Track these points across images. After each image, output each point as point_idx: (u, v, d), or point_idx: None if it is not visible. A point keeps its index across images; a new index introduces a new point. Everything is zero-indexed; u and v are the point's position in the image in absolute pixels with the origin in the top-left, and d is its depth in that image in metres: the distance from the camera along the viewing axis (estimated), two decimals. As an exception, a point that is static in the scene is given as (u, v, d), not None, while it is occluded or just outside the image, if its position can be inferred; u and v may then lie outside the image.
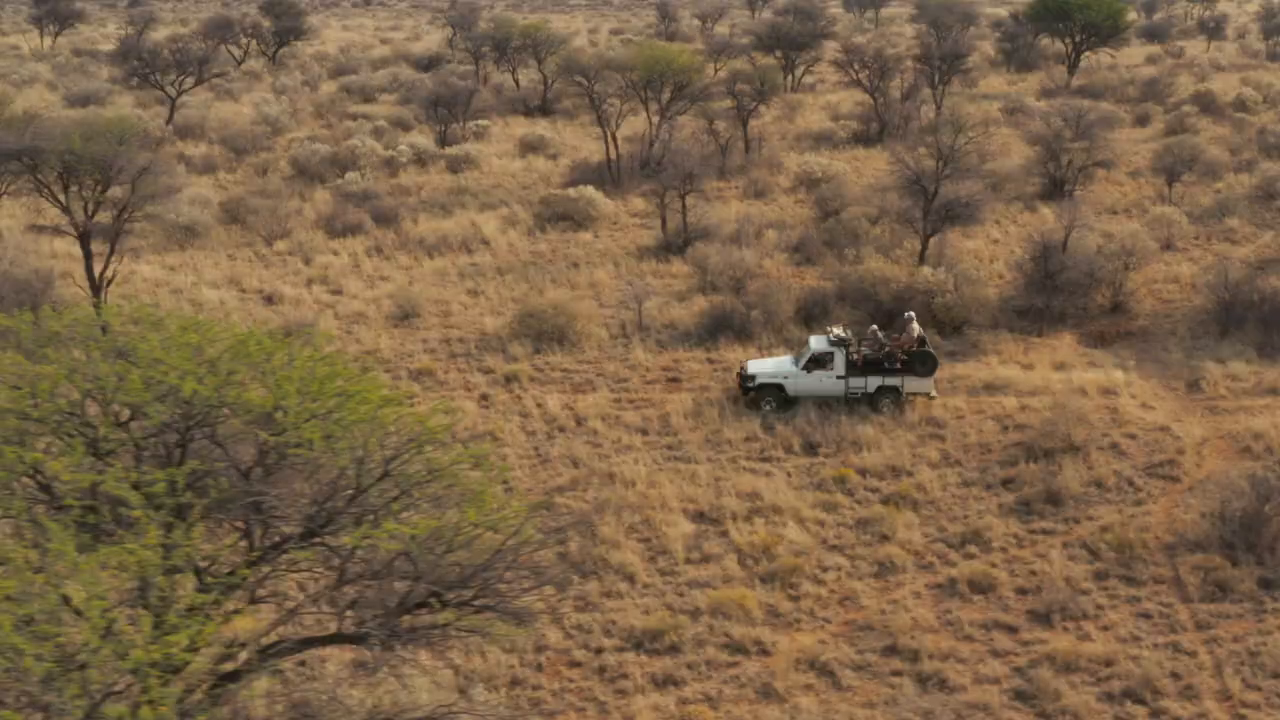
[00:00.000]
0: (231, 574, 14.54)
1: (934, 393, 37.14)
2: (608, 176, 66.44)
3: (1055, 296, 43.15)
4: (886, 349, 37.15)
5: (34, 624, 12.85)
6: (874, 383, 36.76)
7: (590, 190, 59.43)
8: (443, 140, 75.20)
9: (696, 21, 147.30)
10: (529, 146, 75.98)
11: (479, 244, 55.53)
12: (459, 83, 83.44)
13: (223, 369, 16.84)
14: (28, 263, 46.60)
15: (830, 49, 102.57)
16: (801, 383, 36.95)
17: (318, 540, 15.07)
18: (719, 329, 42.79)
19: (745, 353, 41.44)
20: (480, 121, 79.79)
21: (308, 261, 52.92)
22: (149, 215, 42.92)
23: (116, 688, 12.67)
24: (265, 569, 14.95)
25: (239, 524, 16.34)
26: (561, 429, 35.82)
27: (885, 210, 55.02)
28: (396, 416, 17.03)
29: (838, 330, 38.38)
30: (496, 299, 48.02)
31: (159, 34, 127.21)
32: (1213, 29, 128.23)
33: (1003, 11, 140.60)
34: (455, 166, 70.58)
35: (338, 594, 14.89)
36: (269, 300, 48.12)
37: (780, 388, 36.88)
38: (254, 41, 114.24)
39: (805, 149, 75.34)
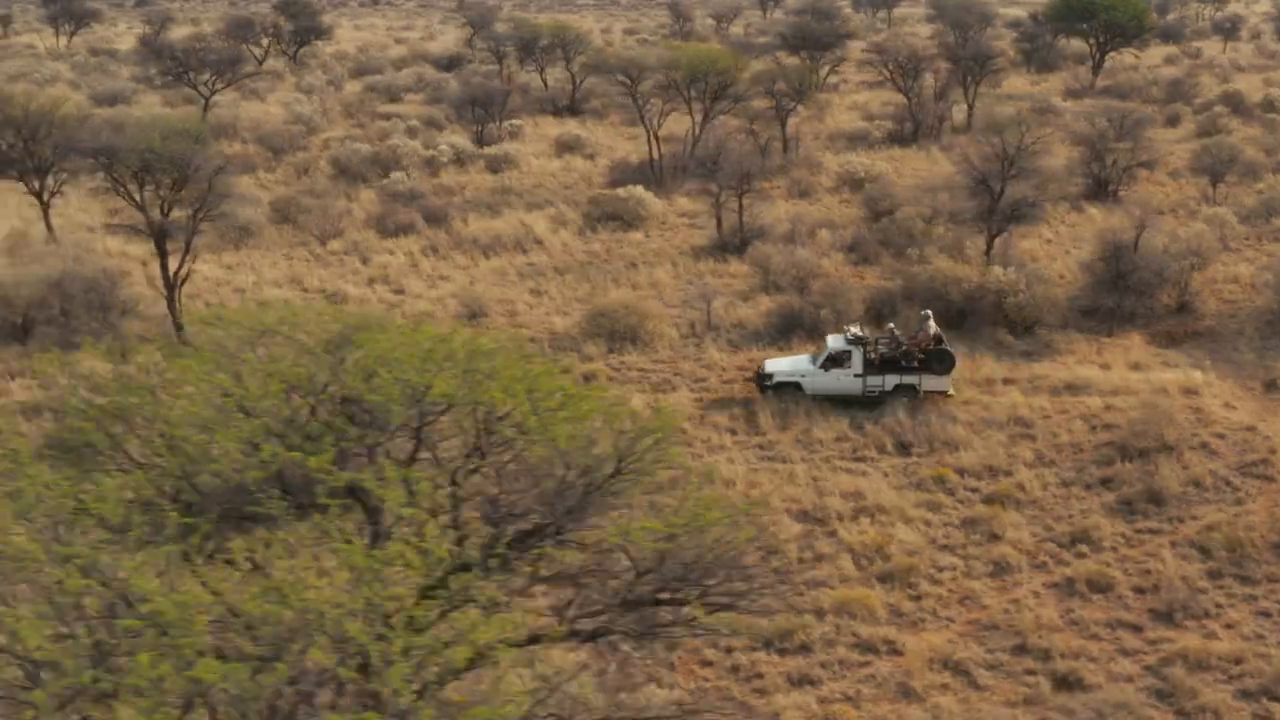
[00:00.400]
0: (502, 564, 14.51)
1: (951, 391, 37.28)
2: (650, 176, 66.40)
3: (1125, 297, 43.26)
4: (904, 347, 37.30)
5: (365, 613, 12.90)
6: (891, 381, 36.99)
7: (639, 190, 59.51)
8: (480, 140, 75.14)
9: (711, 21, 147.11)
10: (565, 146, 76.02)
11: (532, 244, 55.50)
12: (492, 83, 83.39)
13: (457, 368, 16.88)
14: (93, 262, 46.49)
15: (853, 48, 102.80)
16: (819, 381, 37.12)
17: (562, 538, 15.13)
18: (790, 328, 42.88)
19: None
20: (514, 121, 79.72)
21: (365, 261, 52.89)
22: (222, 214, 42.71)
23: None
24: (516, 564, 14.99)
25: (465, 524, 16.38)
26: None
27: (938, 210, 55.09)
28: (618, 414, 17.10)
29: (855, 329, 38.54)
30: (560, 299, 48.04)
31: (176, 33, 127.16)
32: (1228, 30, 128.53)
33: (1017, 12, 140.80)
34: (495, 166, 70.58)
35: (579, 590, 14.95)
36: (333, 299, 48.01)
37: (797, 386, 37.02)
38: (274, 41, 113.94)
39: (840, 149, 75.46)
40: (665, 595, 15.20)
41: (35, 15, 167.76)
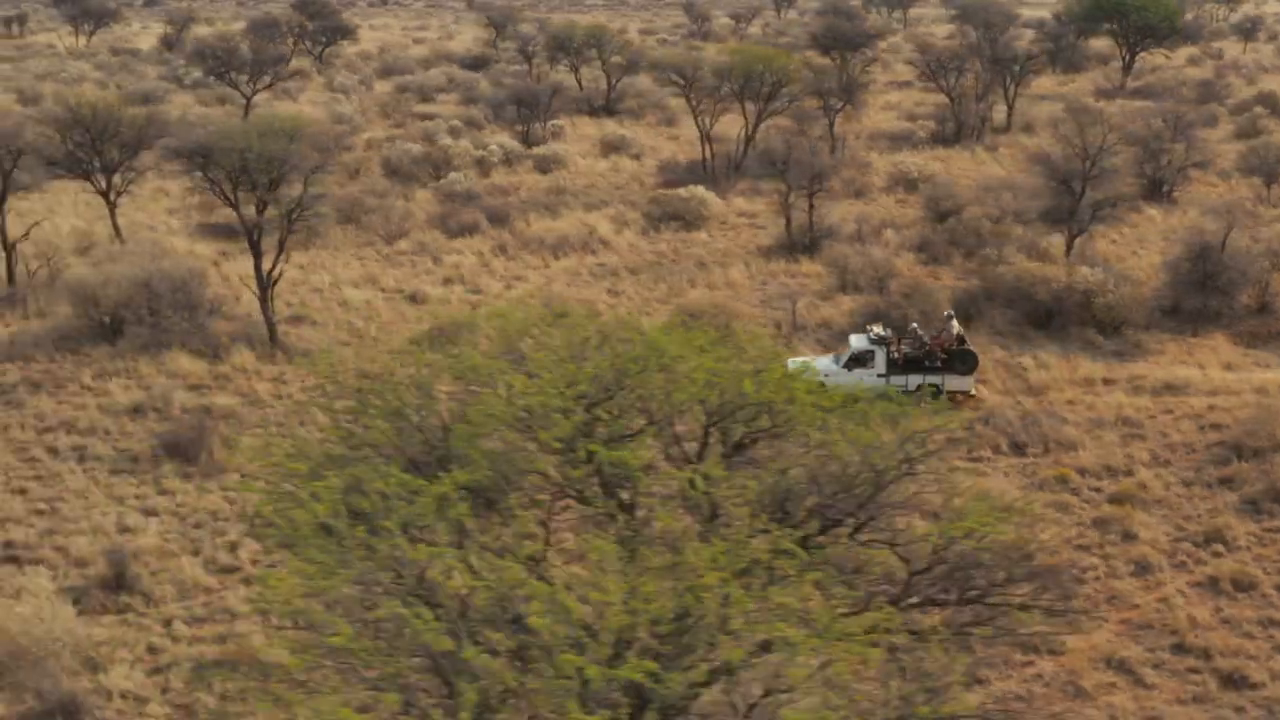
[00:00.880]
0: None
1: (974, 390, 37.41)
2: (703, 176, 66.54)
3: (1211, 297, 43.48)
4: (926, 347, 37.48)
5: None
6: (914, 381, 37.16)
7: (701, 190, 59.64)
8: (526, 140, 75.20)
9: (729, 21, 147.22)
10: (610, 146, 76.09)
11: (598, 244, 55.54)
12: (529, 84, 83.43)
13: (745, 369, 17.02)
14: (178, 262, 46.48)
15: (880, 48, 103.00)
16: (842, 381, 37.15)
17: (865, 533, 15.28)
18: (880, 327, 42.89)
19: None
20: (555, 122, 79.80)
21: (436, 261, 52.90)
22: (316, 214, 42.74)
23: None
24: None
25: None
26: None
27: (1004, 210, 55.27)
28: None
29: (878, 329, 38.68)
30: (638, 298, 48.14)
31: (195, 33, 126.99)
32: (1248, 30, 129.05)
33: (1040, 12, 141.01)
34: (544, 166, 70.65)
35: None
36: (413, 299, 48.05)
37: (820, 386, 36.96)
38: (299, 41, 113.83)
39: (883, 149, 75.62)
40: (948, 595, 15.35)
41: (46, 15, 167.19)
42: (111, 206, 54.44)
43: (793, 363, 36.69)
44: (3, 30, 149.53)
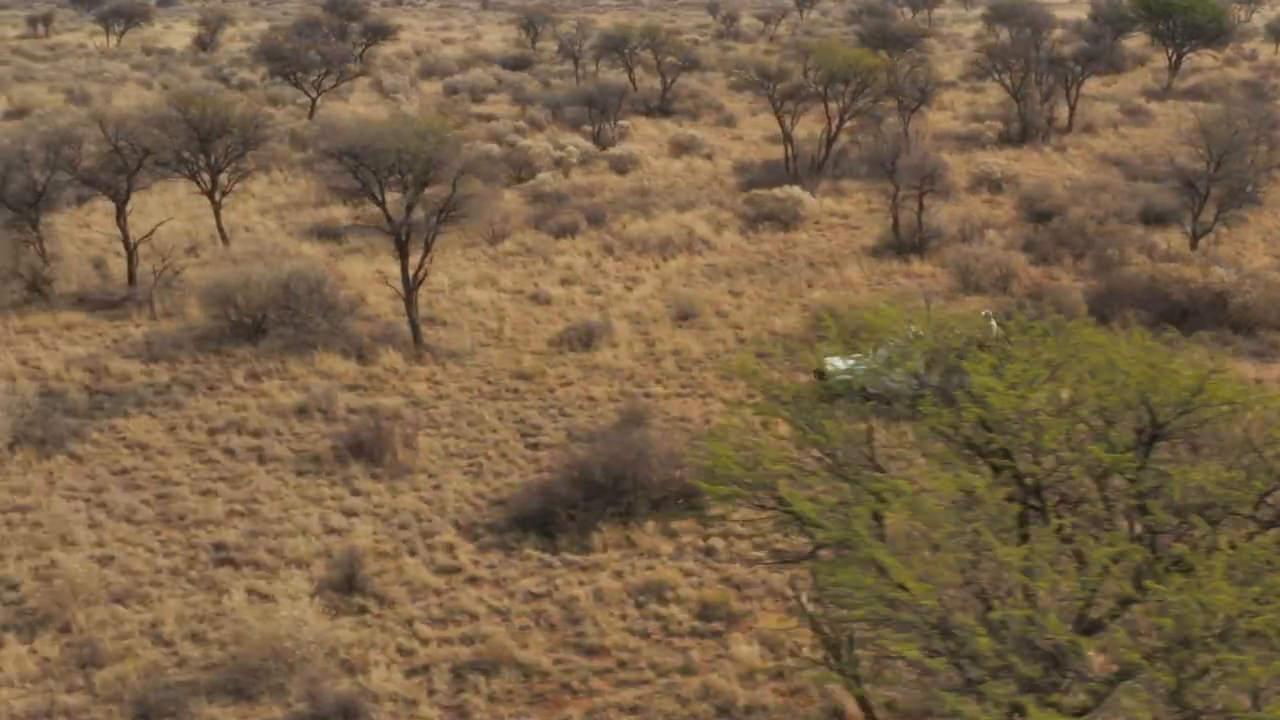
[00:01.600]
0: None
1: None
2: (785, 176, 66.73)
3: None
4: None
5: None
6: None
7: (796, 190, 59.81)
8: (597, 140, 75.30)
9: (754, 22, 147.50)
10: (681, 147, 76.26)
11: (700, 244, 55.61)
12: (592, 85, 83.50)
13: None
14: (314, 263, 46.46)
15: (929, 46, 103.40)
16: (878, 381, 37.33)
17: None
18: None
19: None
20: (623, 122, 79.92)
21: (547, 261, 52.93)
22: (464, 215, 42.78)
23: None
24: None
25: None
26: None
27: (1105, 210, 55.58)
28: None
29: (914, 329, 38.71)
30: (760, 298, 48.26)
31: (228, 33, 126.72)
32: (1279, 31, 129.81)
33: (1067, 13, 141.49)
34: (620, 167, 70.77)
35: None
36: (536, 300, 48.08)
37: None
38: (339, 42, 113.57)
39: (951, 149, 75.84)
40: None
41: (65, 14, 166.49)
42: (216, 207, 54.33)
43: (832, 362, 37.07)
44: (29, 30, 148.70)
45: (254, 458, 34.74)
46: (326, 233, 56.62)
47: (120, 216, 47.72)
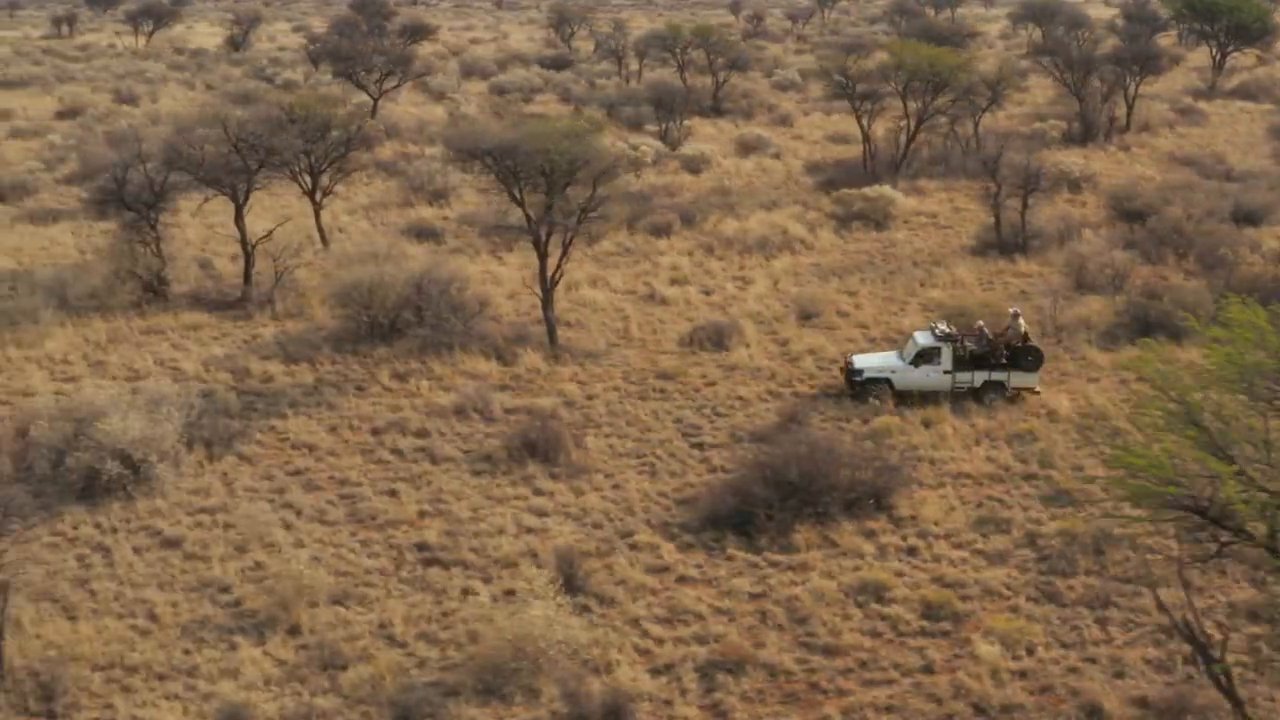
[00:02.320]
0: None
1: (1039, 388, 38.06)
2: (863, 175, 66.92)
3: None
4: (991, 344, 37.94)
5: None
6: (980, 377, 37.66)
7: (888, 189, 59.97)
8: (664, 140, 75.38)
9: (779, 21, 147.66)
10: (748, 146, 76.41)
11: (797, 243, 55.69)
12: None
13: None
14: (442, 264, 46.40)
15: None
16: (909, 377, 37.69)
17: None
18: (1148, 329, 43.18)
19: (1185, 353, 41.84)
20: (686, 122, 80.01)
21: (651, 261, 52.99)
22: (603, 216, 42.82)
23: None
24: None
25: None
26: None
27: (1200, 210, 55.81)
28: None
29: (943, 326, 39.23)
30: (877, 297, 48.33)
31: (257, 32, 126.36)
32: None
33: (1095, 13, 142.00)
34: (692, 167, 70.86)
35: None
36: (651, 299, 48.10)
37: (888, 382, 37.52)
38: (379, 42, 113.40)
39: (1016, 148, 75.81)
40: None
41: (84, 14, 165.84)
42: (316, 208, 54.25)
43: (858, 360, 37.21)
44: (52, 30, 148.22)
45: (425, 458, 34.72)
46: (424, 233, 56.57)
47: (238, 217, 47.54)
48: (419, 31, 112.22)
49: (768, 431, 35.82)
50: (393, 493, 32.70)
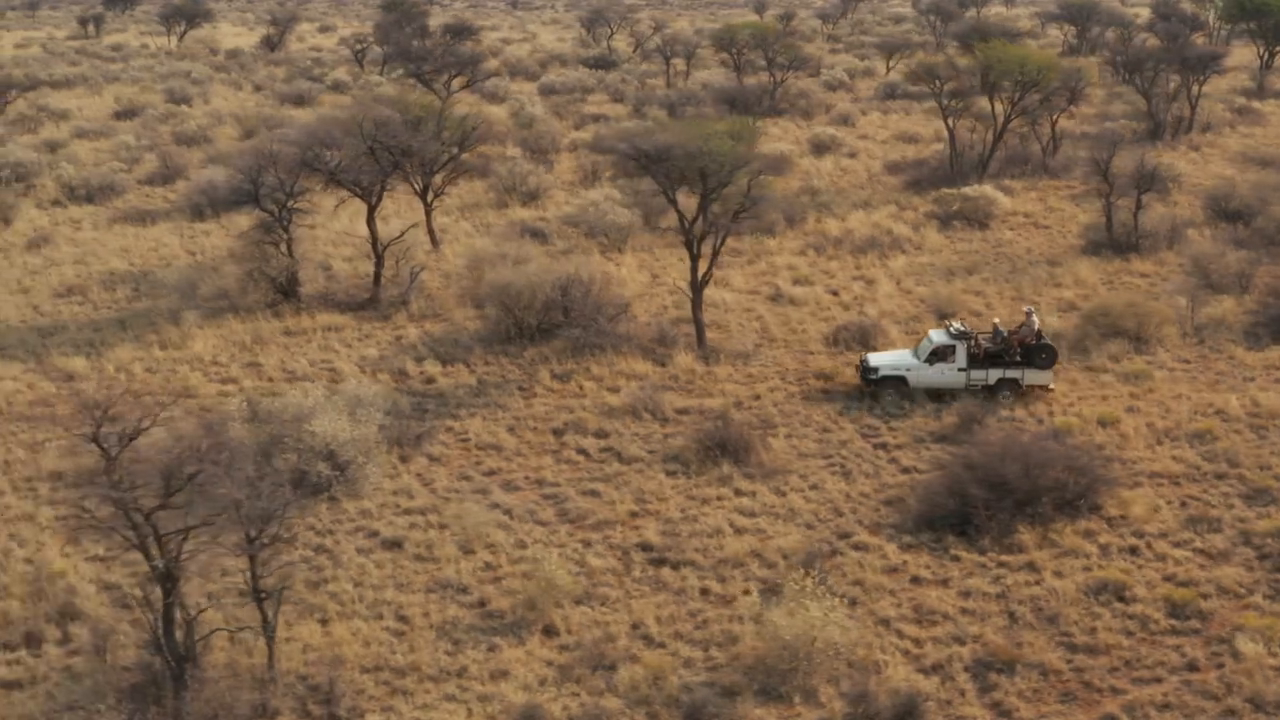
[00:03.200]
0: None
1: (1053, 385, 38.43)
2: (946, 174, 67.12)
3: None
4: (1006, 342, 38.23)
5: None
6: (995, 375, 38.02)
7: (989, 189, 60.15)
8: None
9: (816, 21, 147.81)
10: (821, 146, 76.53)
11: (906, 243, 55.77)
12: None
13: None
14: (583, 265, 46.44)
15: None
16: (924, 375, 38.01)
17: None
18: (1294, 328, 43.36)
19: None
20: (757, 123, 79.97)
21: (765, 260, 53.05)
22: (755, 218, 42.87)
23: None
24: None
25: None
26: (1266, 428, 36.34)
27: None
28: None
29: (957, 324, 39.59)
30: (1004, 297, 48.38)
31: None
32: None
33: (1131, 12, 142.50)
34: (775, 168, 70.58)
35: None
36: (777, 299, 48.14)
37: (903, 380, 37.81)
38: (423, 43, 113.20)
39: (1089, 147, 76.08)
40: None
41: (109, 14, 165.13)
42: (428, 209, 54.17)
43: (873, 357, 37.40)
44: (79, 30, 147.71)
45: (613, 458, 34.75)
46: (534, 233, 56.54)
47: (370, 218, 47.47)
48: (462, 32, 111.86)
49: (948, 432, 35.88)
50: (594, 493, 32.71)
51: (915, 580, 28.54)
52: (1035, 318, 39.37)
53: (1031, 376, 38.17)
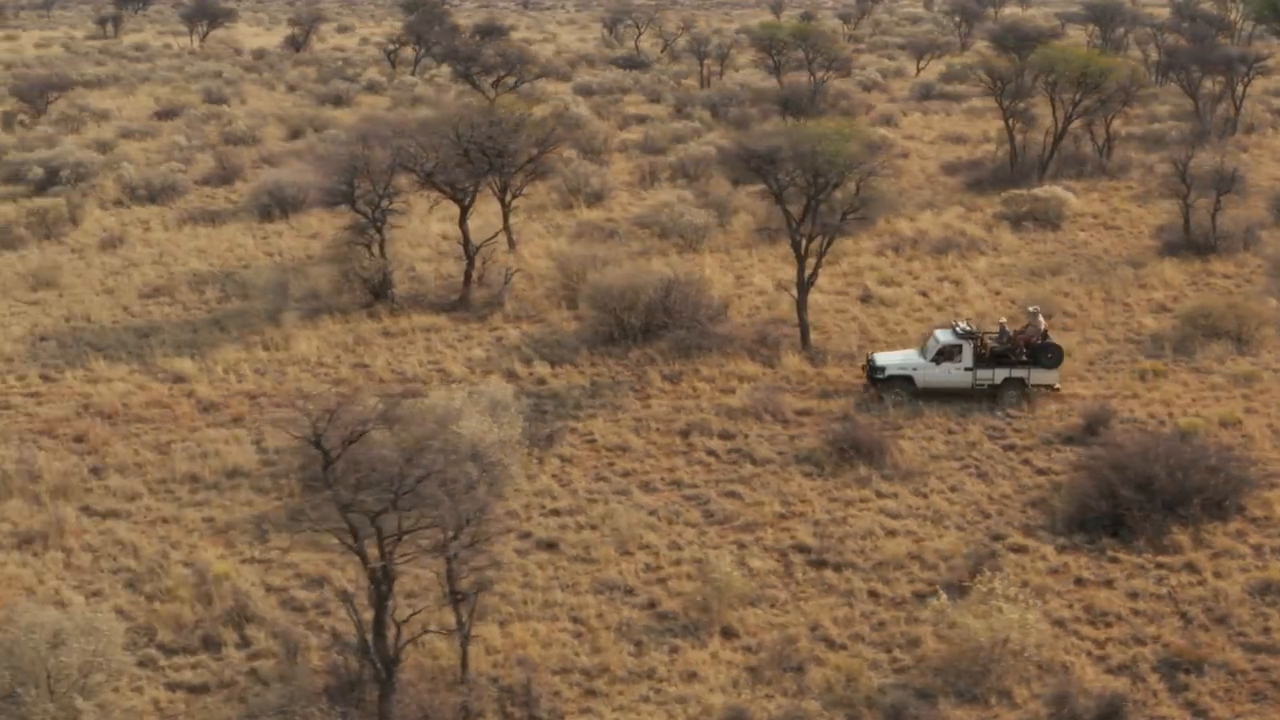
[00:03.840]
0: None
1: (1059, 385, 38.60)
2: (1008, 175, 67.24)
3: None
4: (1012, 342, 38.31)
5: None
6: (1001, 375, 38.15)
7: (1059, 190, 60.24)
8: (794, 140, 75.32)
9: (838, 22, 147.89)
10: (872, 147, 76.23)
11: (982, 244, 55.80)
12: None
13: None
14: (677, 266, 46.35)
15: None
16: (930, 374, 38.16)
17: None
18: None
19: None
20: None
21: (846, 261, 53.02)
22: (863, 218, 42.90)
23: None
24: None
25: None
26: None
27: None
28: None
29: (964, 324, 39.78)
30: (1095, 298, 48.37)
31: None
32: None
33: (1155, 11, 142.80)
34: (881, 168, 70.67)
35: None
36: (868, 300, 48.11)
37: (909, 379, 37.97)
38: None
39: (1135, 148, 76.40)
40: None
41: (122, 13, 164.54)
42: (505, 210, 54.04)
43: (880, 357, 37.49)
44: (97, 30, 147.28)
45: (743, 459, 34.73)
46: (597, 233, 56.60)
47: (463, 220, 47.37)
48: (493, 32, 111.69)
49: (1074, 433, 35.91)
50: (734, 494, 32.69)
51: (1079, 582, 28.56)
52: (1041, 318, 39.47)
53: (1037, 376, 38.30)
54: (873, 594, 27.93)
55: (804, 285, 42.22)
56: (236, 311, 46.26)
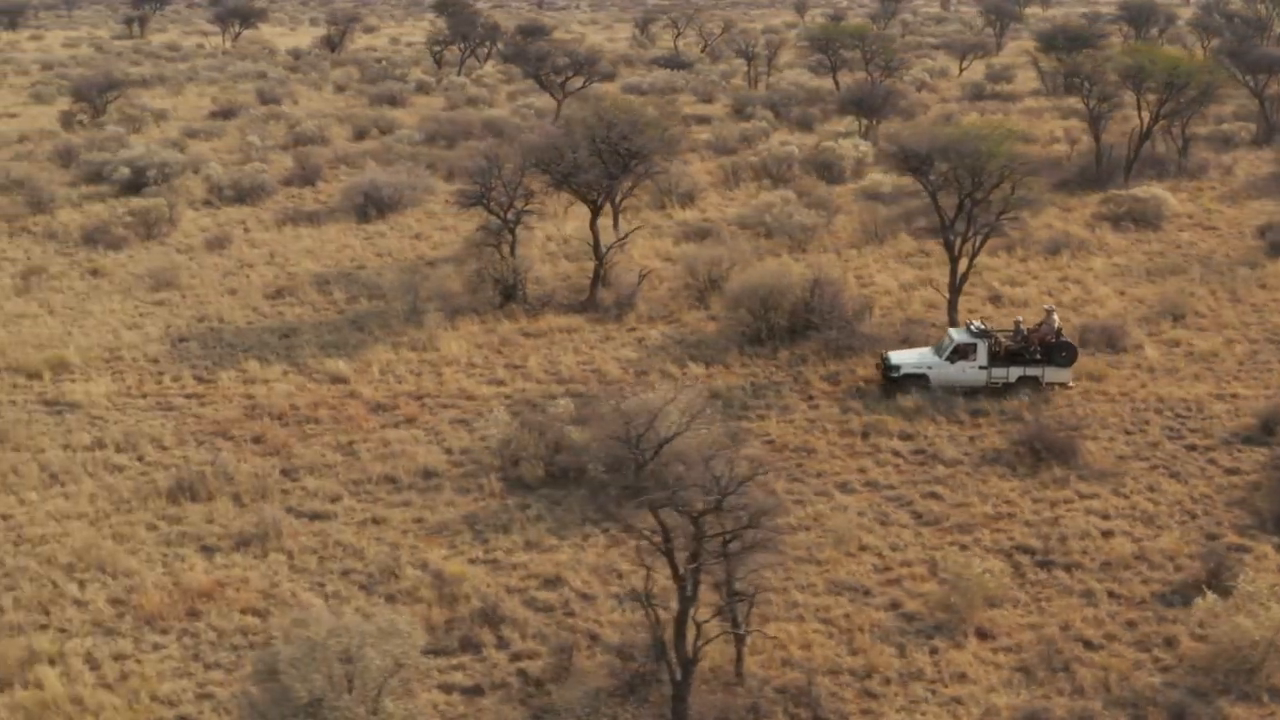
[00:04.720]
0: None
1: (1072, 383, 38.87)
2: (1093, 175, 67.38)
3: None
4: (1027, 340, 38.51)
5: None
6: (1015, 373, 38.37)
7: (1158, 189, 60.38)
8: (867, 139, 75.54)
9: (866, 22, 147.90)
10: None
11: (1091, 244, 55.83)
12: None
13: None
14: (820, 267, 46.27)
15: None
16: (945, 373, 38.29)
17: None
18: None
19: None
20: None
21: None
22: (1016, 219, 42.89)
23: None
24: None
25: None
26: None
27: None
28: None
29: (978, 322, 40.01)
30: (1221, 298, 48.43)
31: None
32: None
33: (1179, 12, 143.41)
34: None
35: None
36: (996, 300, 48.11)
37: (924, 377, 38.07)
38: (493, 44, 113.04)
39: (1203, 149, 76.63)
40: None
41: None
42: (616, 212, 53.89)
43: (894, 355, 37.46)
44: (124, 30, 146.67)
45: (931, 460, 34.68)
46: (695, 234, 56.58)
47: (594, 220, 47.22)
48: (536, 32, 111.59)
49: (1250, 433, 36.02)
50: (935, 495, 32.60)
51: (1303, 582, 28.47)
52: (1055, 316, 39.61)
53: (1051, 374, 38.50)
54: (1112, 595, 27.84)
55: (956, 286, 42.12)
56: (370, 312, 46.04)
